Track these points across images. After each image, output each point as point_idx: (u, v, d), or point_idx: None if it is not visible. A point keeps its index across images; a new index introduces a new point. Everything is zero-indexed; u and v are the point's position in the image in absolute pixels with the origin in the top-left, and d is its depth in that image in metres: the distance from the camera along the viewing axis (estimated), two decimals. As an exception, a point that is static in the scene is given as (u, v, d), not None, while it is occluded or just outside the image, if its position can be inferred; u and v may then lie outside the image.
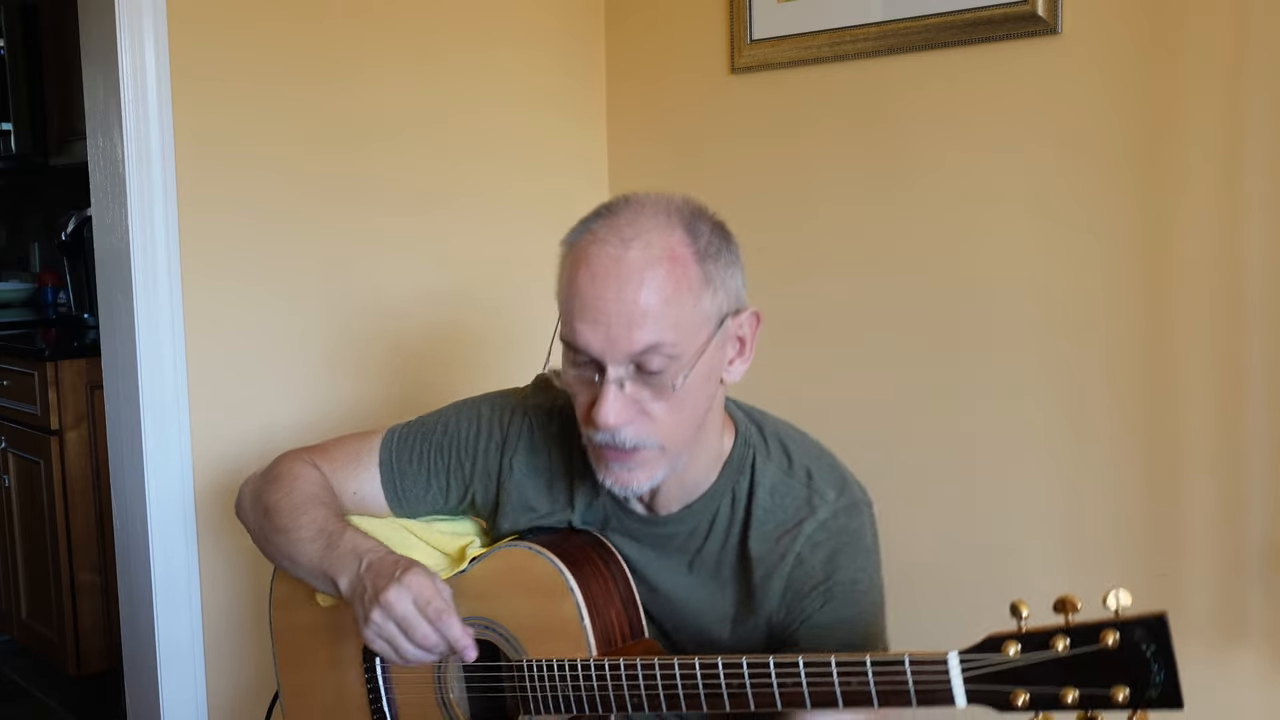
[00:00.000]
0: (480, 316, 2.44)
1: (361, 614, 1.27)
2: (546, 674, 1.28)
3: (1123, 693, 0.98)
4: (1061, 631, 1.00)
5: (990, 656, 1.03)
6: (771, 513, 1.33)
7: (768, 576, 1.31)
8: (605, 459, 1.25)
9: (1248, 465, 1.72)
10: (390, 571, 1.27)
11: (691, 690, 1.19)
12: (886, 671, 1.08)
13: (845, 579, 1.30)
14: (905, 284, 2.10)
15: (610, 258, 1.19)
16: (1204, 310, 1.75)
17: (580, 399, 1.25)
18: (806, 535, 1.30)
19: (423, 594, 1.24)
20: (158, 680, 2.11)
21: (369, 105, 2.24)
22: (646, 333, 1.18)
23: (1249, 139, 1.69)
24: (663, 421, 1.22)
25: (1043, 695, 1.01)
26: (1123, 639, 0.98)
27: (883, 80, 2.10)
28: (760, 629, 1.33)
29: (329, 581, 1.35)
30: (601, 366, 1.20)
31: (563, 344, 1.24)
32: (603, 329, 1.19)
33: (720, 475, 1.34)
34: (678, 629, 1.38)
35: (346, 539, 1.35)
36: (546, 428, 1.43)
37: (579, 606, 1.29)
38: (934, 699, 1.06)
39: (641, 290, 1.18)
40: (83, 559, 3.16)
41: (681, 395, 1.21)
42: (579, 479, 1.40)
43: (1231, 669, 1.76)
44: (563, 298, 1.24)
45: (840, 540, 1.31)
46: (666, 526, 1.36)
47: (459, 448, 1.46)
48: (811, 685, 1.12)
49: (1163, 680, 0.98)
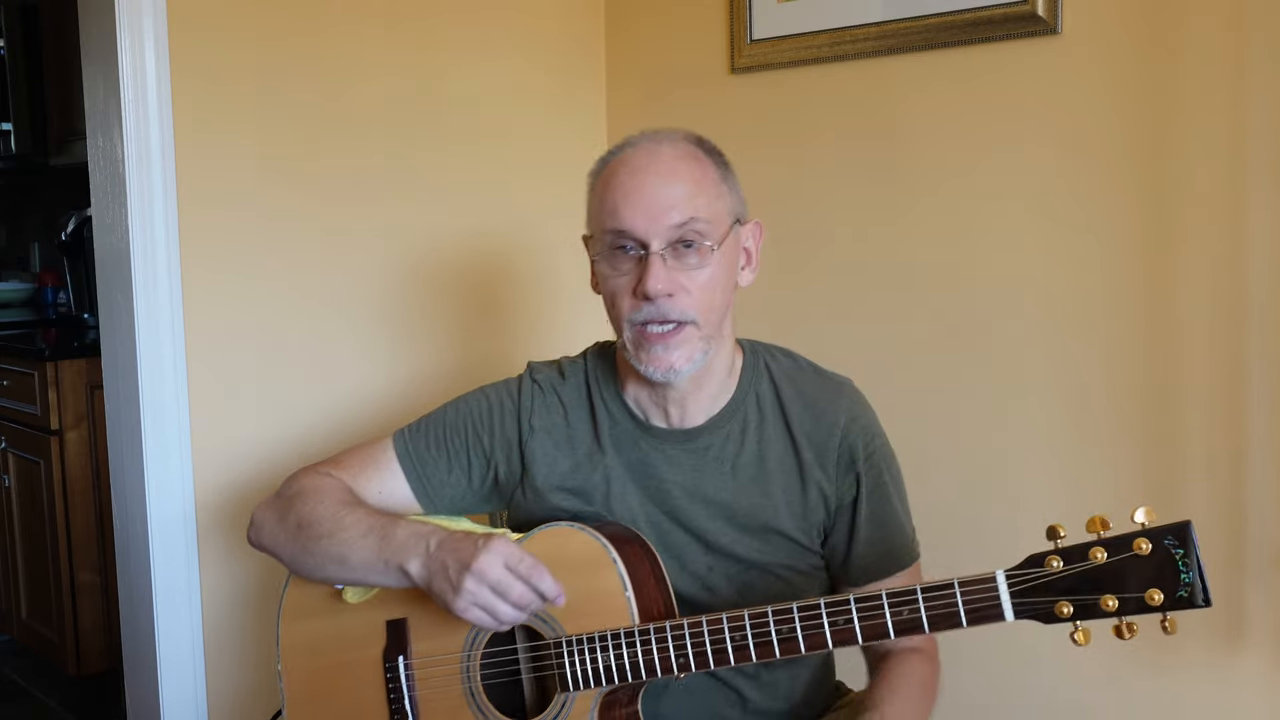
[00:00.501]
0: (480, 316, 2.44)
1: (449, 588, 1.31)
2: (588, 647, 1.34)
3: (1158, 595, 1.08)
4: (1098, 544, 1.11)
5: (1034, 571, 1.14)
6: (800, 397, 1.48)
7: (819, 452, 1.46)
8: (647, 341, 1.38)
9: (1248, 466, 1.72)
10: (472, 542, 1.32)
11: (740, 642, 1.27)
12: (937, 596, 1.19)
13: (879, 444, 1.48)
14: (905, 283, 2.10)
15: (647, 152, 1.40)
16: (1205, 310, 1.75)
17: (622, 286, 1.39)
18: (845, 410, 1.47)
19: (511, 555, 1.31)
20: (158, 680, 2.11)
21: (368, 105, 2.24)
22: (684, 209, 1.36)
23: (1249, 138, 1.69)
24: (699, 297, 1.37)
25: (1085, 604, 1.11)
26: (1154, 545, 1.08)
27: (883, 80, 2.10)
28: (815, 503, 1.46)
29: (394, 570, 1.37)
30: (645, 245, 1.36)
31: (605, 237, 1.40)
32: (643, 209, 1.36)
33: (739, 383, 1.48)
34: (738, 532, 1.46)
35: (402, 528, 1.39)
36: (557, 385, 1.52)
37: (622, 578, 1.34)
38: (984, 617, 1.17)
39: (677, 177, 1.38)
40: (83, 559, 3.16)
41: (713, 272, 1.38)
42: (602, 415, 1.49)
43: (1232, 670, 1.76)
44: (601, 202, 1.41)
45: (866, 412, 1.50)
46: (700, 439, 1.46)
47: (474, 425, 1.51)
48: (863, 621, 1.22)
49: (1191, 580, 1.08)
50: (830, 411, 1.47)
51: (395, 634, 1.45)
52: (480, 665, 1.41)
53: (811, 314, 2.22)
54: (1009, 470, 1.98)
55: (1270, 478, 1.70)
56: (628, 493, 1.47)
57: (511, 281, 2.45)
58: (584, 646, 1.34)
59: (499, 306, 2.45)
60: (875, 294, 2.15)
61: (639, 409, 1.48)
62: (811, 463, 1.46)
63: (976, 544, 2.02)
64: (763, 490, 1.46)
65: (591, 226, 1.46)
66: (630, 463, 1.47)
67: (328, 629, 1.49)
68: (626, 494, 1.47)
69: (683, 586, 1.44)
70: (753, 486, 1.46)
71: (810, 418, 1.47)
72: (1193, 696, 1.81)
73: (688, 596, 1.44)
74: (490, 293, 2.44)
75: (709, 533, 1.45)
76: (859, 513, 1.47)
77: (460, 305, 2.41)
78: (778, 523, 1.46)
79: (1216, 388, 1.74)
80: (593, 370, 1.53)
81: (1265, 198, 1.68)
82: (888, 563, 1.48)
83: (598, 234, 1.43)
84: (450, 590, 1.31)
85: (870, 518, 1.47)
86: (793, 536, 1.46)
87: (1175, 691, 1.82)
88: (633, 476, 1.47)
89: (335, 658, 1.48)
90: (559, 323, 2.51)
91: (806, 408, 1.47)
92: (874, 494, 1.47)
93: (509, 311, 2.46)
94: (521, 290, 2.45)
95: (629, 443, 1.48)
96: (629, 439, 1.48)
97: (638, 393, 1.48)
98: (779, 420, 1.47)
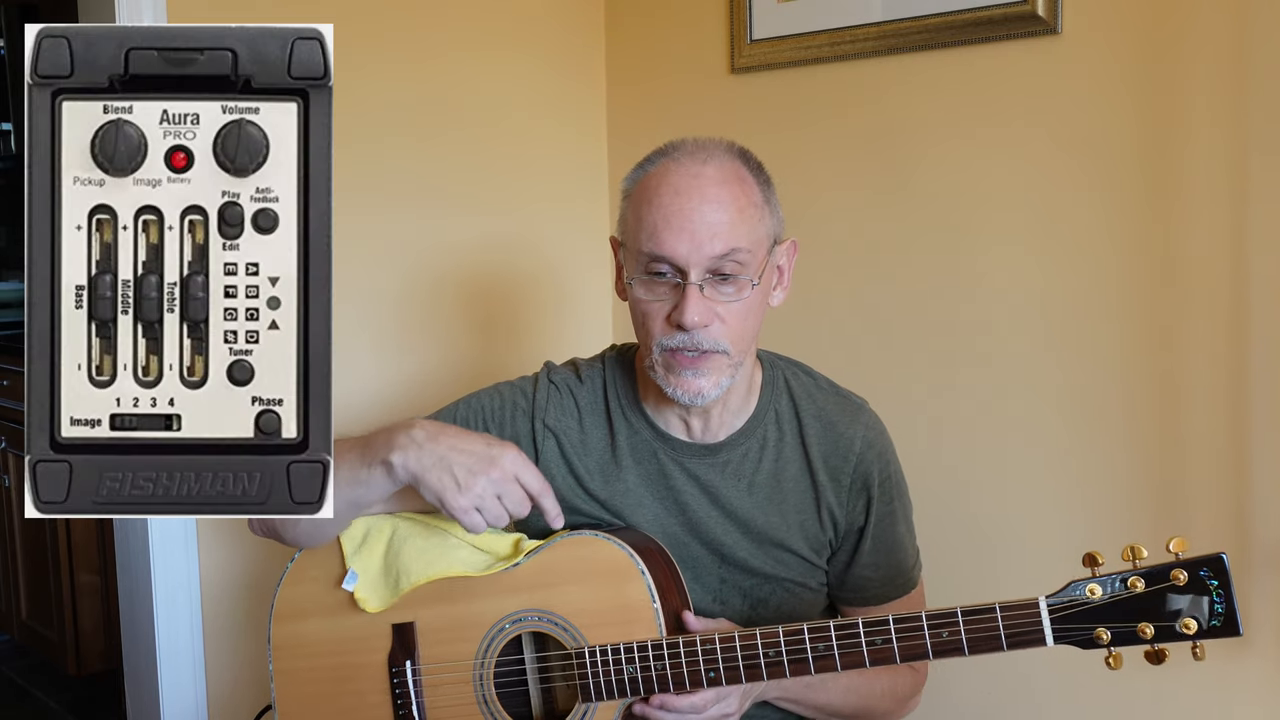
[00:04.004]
0: (481, 316, 2.44)
1: (451, 484, 1.28)
2: (613, 658, 1.32)
3: (1193, 624, 1.13)
4: (1136, 573, 1.16)
5: (1076, 598, 1.18)
6: (819, 418, 1.47)
7: (834, 475, 1.45)
8: (678, 366, 1.35)
9: (1250, 467, 1.72)
10: (482, 441, 1.31)
11: (775, 659, 1.26)
12: (978, 620, 1.20)
13: (893, 470, 1.48)
14: (904, 283, 2.10)
15: (691, 174, 1.33)
16: (1206, 310, 1.75)
17: (656, 310, 1.35)
18: (861, 436, 1.46)
19: (523, 468, 1.31)
20: (158, 680, 2.11)
21: (367, 105, 2.24)
22: (725, 239, 1.31)
23: (1250, 138, 1.69)
24: (733, 326, 1.34)
25: (1122, 632, 1.16)
26: (1190, 576, 1.13)
27: (883, 80, 2.10)
28: (825, 523, 1.46)
29: (378, 468, 1.32)
30: (683, 272, 1.32)
31: (641, 260, 1.35)
32: (687, 236, 1.31)
33: (760, 399, 1.47)
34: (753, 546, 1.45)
35: (383, 429, 1.36)
36: (574, 388, 1.50)
37: (650, 590, 1.33)
38: (1024, 641, 1.18)
39: (720, 202, 1.32)
40: (83, 559, 3.16)
41: (749, 302, 1.35)
42: (620, 423, 1.47)
43: (1234, 673, 1.76)
44: (639, 219, 1.35)
45: (881, 438, 1.48)
46: (721, 454, 1.45)
47: (486, 420, 1.49)
48: (901, 641, 1.22)
49: (1224, 610, 1.13)
50: (847, 436, 1.46)
51: (402, 638, 1.42)
52: (494, 673, 1.40)
53: (811, 314, 2.22)
54: (1007, 469, 1.98)
55: (1273, 478, 1.70)
56: (644, 503, 1.46)
57: (512, 281, 2.45)
58: (609, 657, 1.32)
59: (500, 307, 2.45)
60: (874, 294, 2.15)
61: (659, 419, 1.47)
62: (825, 484, 1.45)
63: (975, 544, 2.02)
64: (778, 508, 1.45)
65: (626, 238, 1.40)
66: (648, 473, 1.46)
67: (326, 630, 1.46)
68: (643, 504, 1.46)
69: (695, 599, 1.43)
70: (768, 503, 1.45)
71: (828, 440, 1.46)
72: (1193, 698, 1.81)
73: (700, 609, 1.43)
74: (491, 293, 2.44)
75: (725, 546, 1.45)
76: (864, 538, 1.46)
77: (461, 305, 2.41)
78: (790, 540, 1.45)
79: (1219, 387, 1.74)
80: (611, 376, 1.50)
81: (1265, 197, 1.68)
82: (886, 589, 1.48)
83: (633, 250, 1.37)
84: (454, 487, 1.28)
85: (875, 544, 1.47)
86: (803, 554, 1.46)
87: (1176, 691, 1.82)
88: (650, 487, 1.46)
89: (334, 660, 1.46)
90: (560, 323, 2.51)
91: (825, 429, 1.46)
92: (882, 521, 1.47)
93: (510, 312, 2.46)
94: (522, 290, 2.45)
95: (647, 453, 1.46)
96: (647, 449, 1.46)
97: (658, 403, 1.46)
98: (796, 439, 1.46)
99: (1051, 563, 1.93)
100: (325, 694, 1.47)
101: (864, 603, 1.49)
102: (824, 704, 1.42)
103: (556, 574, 1.37)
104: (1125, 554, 1.17)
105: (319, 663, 1.47)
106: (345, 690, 1.46)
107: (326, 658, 1.47)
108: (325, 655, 1.47)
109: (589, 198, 2.57)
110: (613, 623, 1.33)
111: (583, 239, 2.53)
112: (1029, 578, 1.95)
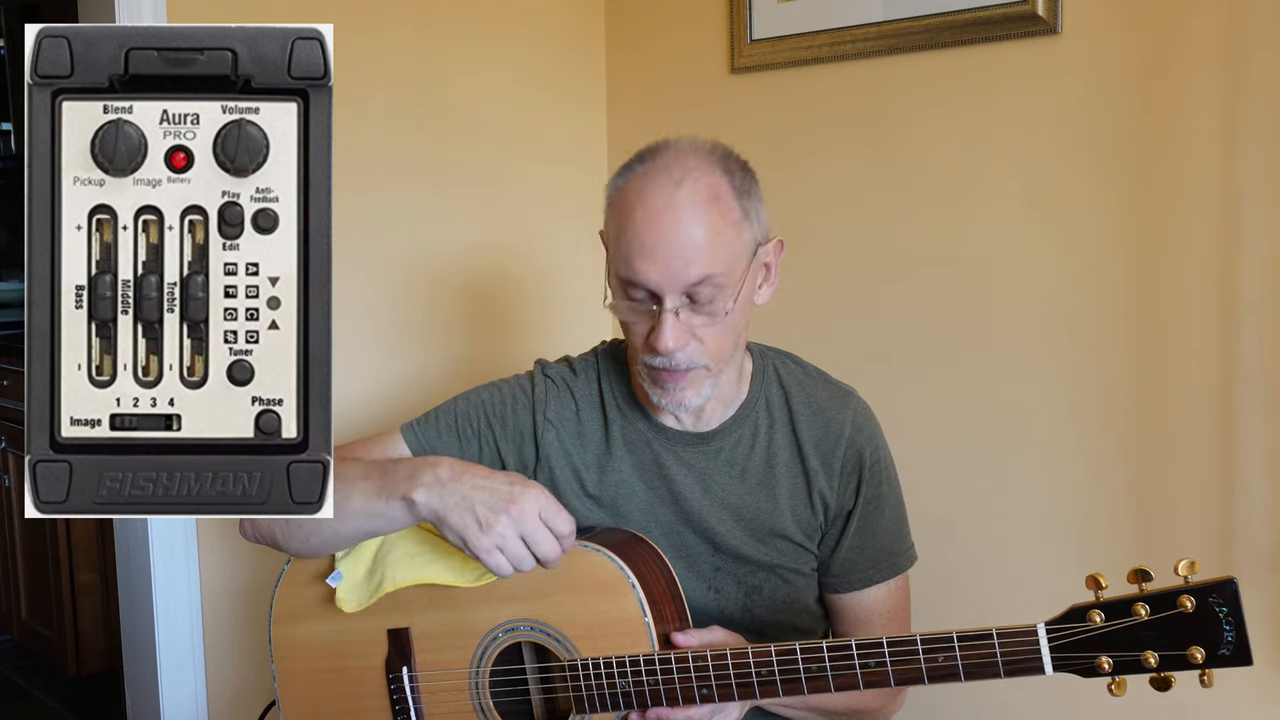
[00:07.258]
0: (482, 316, 2.44)
1: (474, 524, 1.25)
2: (604, 671, 1.31)
3: (1200, 653, 1.08)
4: (1141, 599, 1.09)
5: (1076, 625, 1.12)
6: (808, 405, 1.48)
7: (824, 459, 1.46)
8: (660, 381, 1.36)
9: (1246, 468, 1.72)
10: (505, 480, 1.27)
11: (767, 678, 1.25)
12: (974, 645, 1.16)
13: (882, 455, 1.49)
14: (904, 283, 2.10)
15: (663, 197, 1.30)
16: (1202, 311, 1.75)
17: (636, 329, 1.35)
18: (850, 420, 1.47)
19: (547, 505, 1.26)
20: (158, 680, 2.11)
21: (369, 107, 2.24)
22: (700, 265, 1.29)
23: (1248, 138, 1.69)
24: (711, 344, 1.34)
25: (1125, 660, 1.10)
26: (1198, 602, 1.07)
27: (883, 80, 2.10)
28: (816, 508, 1.47)
29: (397, 503, 1.29)
30: (658, 298, 1.31)
31: (618, 280, 1.34)
32: (660, 263, 1.29)
33: (750, 388, 1.48)
34: (745, 534, 1.45)
35: (403, 463, 1.33)
36: (569, 380, 1.51)
37: (641, 604, 1.31)
38: (1022, 669, 1.15)
39: (694, 227, 1.29)
40: (83, 559, 3.16)
41: (727, 323, 1.34)
42: (614, 414, 1.48)
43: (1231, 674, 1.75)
44: (616, 237, 1.34)
45: (870, 423, 1.49)
46: (713, 442, 1.47)
47: (487, 414, 1.49)
48: (895, 664, 1.19)
49: (1234, 639, 1.07)
50: (837, 420, 1.47)
51: (397, 644, 1.42)
52: (489, 680, 1.40)
53: (811, 313, 2.22)
54: (1006, 469, 1.98)
55: (1263, 479, 1.70)
56: (638, 493, 1.46)
57: (512, 281, 2.45)
58: (601, 670, 1.31)
59: (499, 306, 2.45)
60: (874, 293, 2.15)
61: (652, 410, 1.48)
62: (816, 469, 1.46)
63: (974, 543, 2.02)
64: (770, 494, 1.46)
65: (609, 245, 1.39)
66: (642, 463, 1.47)
67: (324, 633, 1.46)
68: (637, 494, 1.46)
69: (690, 588, 1.43)
70: (760, 490, 1.46)
71: (819, 425, 1.47)
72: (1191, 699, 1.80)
73: (695, 598, 1.44)
74: (490, 292, 2.44)
75: (718, 534, 1.45)
76: (851, 521, 1.47)
77: (461, 305, 2.41)
78: (783, 527, 1.46)
79: (1210, 388, 1.74)
80: (604, 369, 1.52)
81: (1263, 198, 1.68)
82: (870, 572, 1.48)
83: (613, 265, 1.36)
84: (475, 527, 1.24)
85: (861, 527, 1.47)
86: (796, 540, 1.46)
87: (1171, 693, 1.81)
88: (643, 477, 1.47)
89: (333, 663, 1.46)
90: (560, 323, 2.51)
91: (815, 415, 1.47)
92: (869, 504, 1.47)
93: (509, 311, 2.46)
94: (522, 290, 2.45)
95: (641, 443, 1.48)
96: (641, 439, 1.48)
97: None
98: (787, 426, 1.48)
99: (1049, 562, 1.93)
100: (325, 696, 1.48)
101: (849, 587, 1.48)
102: (816, 704, 1.42)
103: (549, 584, 1.35)
104: (1130, 576, 1.09)
105: (318, 665, 1.48)
106: (345, 693, 1.46)
107: (325, 660, 1.47)
108: (323, 658, 1.47)
109: (588, 199, 2.56)
110: (605, 635, 1.32)
111: (582, 239, 2.52)
112: (1025, 578, 1.96)
